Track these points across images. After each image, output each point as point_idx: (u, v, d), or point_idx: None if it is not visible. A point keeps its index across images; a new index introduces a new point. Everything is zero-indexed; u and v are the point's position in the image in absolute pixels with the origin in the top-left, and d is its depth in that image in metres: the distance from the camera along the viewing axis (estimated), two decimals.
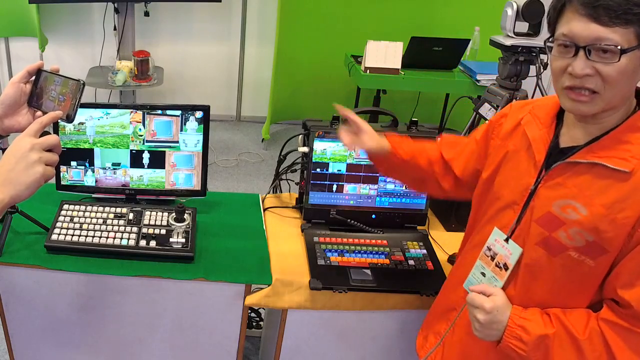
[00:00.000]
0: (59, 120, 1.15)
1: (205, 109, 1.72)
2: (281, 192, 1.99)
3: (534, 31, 2.95)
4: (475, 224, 1.34)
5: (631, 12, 0.96)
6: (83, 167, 1.74)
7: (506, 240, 1.19)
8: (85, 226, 1.63)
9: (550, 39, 1.07)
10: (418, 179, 1.45)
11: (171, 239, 1.61)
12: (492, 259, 1.22)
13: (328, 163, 1.72)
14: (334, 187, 1.75)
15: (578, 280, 1.11)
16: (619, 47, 0.97)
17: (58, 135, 1.69)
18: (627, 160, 1.03)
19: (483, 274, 1.24)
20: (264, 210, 1.90)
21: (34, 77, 1.18)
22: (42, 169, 0.98)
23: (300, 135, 1.75)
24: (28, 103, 1.17)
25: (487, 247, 1.23)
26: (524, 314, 1.14)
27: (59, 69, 1.16)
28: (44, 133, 1.04)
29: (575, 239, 1.08)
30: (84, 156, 1.73)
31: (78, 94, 1.12)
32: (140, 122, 1.70)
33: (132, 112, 1.69)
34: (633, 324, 1.05)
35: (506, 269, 1.19)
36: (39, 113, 1.16)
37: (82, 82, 1.12)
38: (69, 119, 1.13)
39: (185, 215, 1.63)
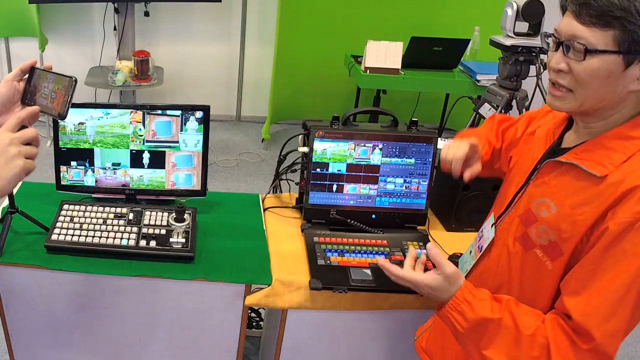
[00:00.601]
0: (53, 118, 1.16)
1: (205, 109, 1.72)
2: (281, 192, 1.99)
3: (534, 31, 2.96)
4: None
5: (612, 14, 0.94)
6: (83, 167, 1.74)
7: (492, 225, 1.23)
8: (85, 226, 1.63)
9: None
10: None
11: (171, 239, 1.61)
12: (479, 239, 1.28)
13: (328, 163, 1.72)
14: (334, 187, 1.75)
15: (540, 282, 1.11)
16: (583, 46, 0.97)
17: (58, 134, 1.69)
18: (604, 165, 1.02)
19: (470, 252, 1.30)
20: (264, 210, 1.90)
21: (27, 75, 1.18)
22: (22, 162, 0.99)
23: (301, 135, 1.75)
24: (21, 101, 1.17)
25: (481, 229, 1.29)
26: (475, 291, 1.13)
27: (52, 66, 1.17)
28: (22, 128, 1.05)
29: (542, 237, 1.09)
30: (84, 156, 1.73)
31: (70, 90, 1.12)
32: (140, 122, 1.70)
33: (132, 112, 1.69)
34: (576, 338, 1.01)
35: (481, 250, 1.24)
36: None
37: (74, 78, 1.12)
38: (62, 116, 1.13)
39: (185, 215, 1.63)
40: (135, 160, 1.75)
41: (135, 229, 1.63)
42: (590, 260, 1.01)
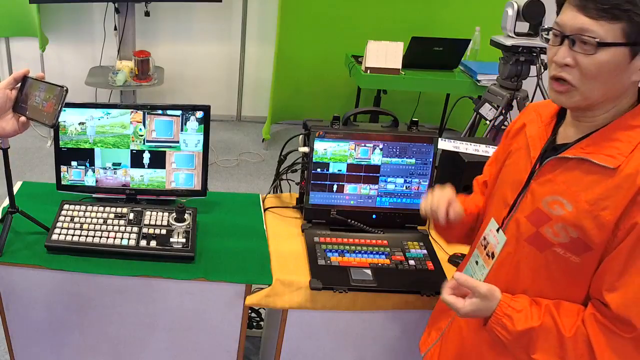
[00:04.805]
0: (45, 124, 1.19)
1: (206, 109, 1.72)
2: (281, 192, 1.99)
3: (535, 31, 2.96)
4: (482, 222, 1.36)
5: (619, 7, 0.96)
6: (83, 167, 1.74)
7: (497, 230, 1.21)
8: (85, 226, 1.63)
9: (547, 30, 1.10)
10: (474, 228, 1.44)
11: (171, 239, 1.61)
12: (485, 248, 1.25)
13: (328, 163, 1.72)
14: (335, 187, 1.75)
15: (565, 276, 1.11)
16: (596, 40, 0.98)
17: (59, 134, 1.70)
18: (614, 157, 1.03)
19: (477, 262, 1.27)
20: (265, 210, 1.90)
21: (20, 84, 1.22)
22: None
23: (301, 135, 1.75)
24: (13, 108, 1.21)
25: (483, 236, 1.26)
26: (513, 303, 1.14)
27: (44, 76, 1.22)
28: None
29: (561, 234, 1.09)
30: (85, 156, 1.73)
31: (60, 99, 1.17)
32: (140, 122, 1.70)
33: (132, 112, 1.69)
34: (615, 325, 1.04)
35: (492, 257, 1.21)
36: (22, 119, 1.20)
37: (64, 88, 1.17)
38: (51, 124, 1.17)
39: (186, 215, 1.63)
40: (136, 160, 1.74)
41: (135, 229, 1.63)
42: (623, 254, 1.02)
